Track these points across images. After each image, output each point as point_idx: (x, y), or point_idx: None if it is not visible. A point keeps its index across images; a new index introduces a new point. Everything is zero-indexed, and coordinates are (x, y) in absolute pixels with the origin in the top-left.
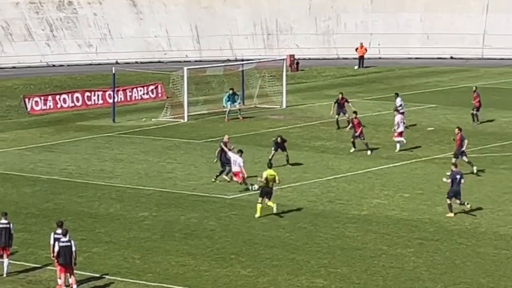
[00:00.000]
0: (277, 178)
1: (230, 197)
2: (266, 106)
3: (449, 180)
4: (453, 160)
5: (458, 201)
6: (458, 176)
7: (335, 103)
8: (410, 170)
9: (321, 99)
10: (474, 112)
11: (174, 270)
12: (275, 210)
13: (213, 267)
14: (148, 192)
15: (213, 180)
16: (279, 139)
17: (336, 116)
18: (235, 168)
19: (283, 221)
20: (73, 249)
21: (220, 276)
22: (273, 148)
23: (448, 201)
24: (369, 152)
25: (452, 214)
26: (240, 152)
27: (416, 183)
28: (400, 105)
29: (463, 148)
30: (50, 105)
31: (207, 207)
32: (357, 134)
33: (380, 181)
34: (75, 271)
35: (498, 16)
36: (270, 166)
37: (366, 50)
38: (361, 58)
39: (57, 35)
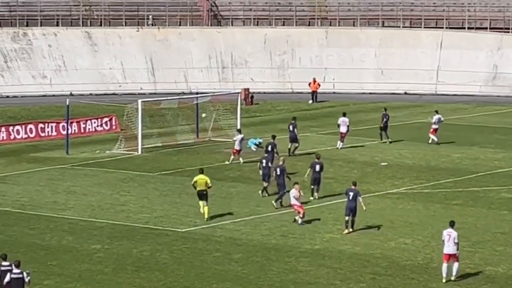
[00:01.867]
0: (208, 182)
1: (183, 230)
2: (220, 139)
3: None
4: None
5: (351, 218)
6: (351, 193)
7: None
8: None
9: (275, 133)
10: (380, 132)
11: None
12: (206, 216)
13: None
14: (100, 224)
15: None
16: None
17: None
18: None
19: (236, 254)
20: (26, 280)
21: None
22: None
23: (346, 218)
24: None
25: (347, 231)
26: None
27: (369, 218)
28: (338, 124)
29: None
30: (3, 136)
31: (159, 240)
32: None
33: (333, 215)
34: None
35: (451, 52)
36: (201, 171)
37: (319, 85)
38: (314, 93)
39: (11, 66)
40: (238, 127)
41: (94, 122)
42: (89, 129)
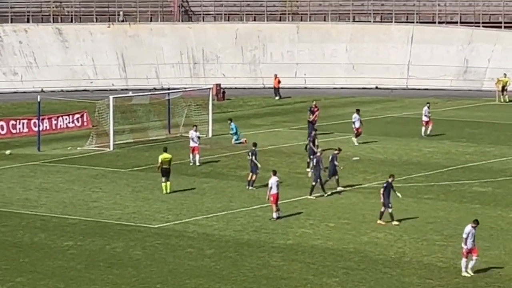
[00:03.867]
0: (171, 159)
1: (156, 226)
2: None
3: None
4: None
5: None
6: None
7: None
8: (335, 199)
9: (247, 128)
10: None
11: None
12: (168, 190)
13: None
14: (73, 221)
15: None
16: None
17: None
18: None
19: (209, 250)
20: None
21: None
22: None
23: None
24: None
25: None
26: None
27: (341, 213)
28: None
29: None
30: None
31: (132, 236)
32: None
33: (306, 210)
34: None
35: (422, 47)
36: (165, 150)
37: (279, 81)
38: (277, 89)
39: None
40: (210, 123)
41: (66, 119)
42: (60, 125)
